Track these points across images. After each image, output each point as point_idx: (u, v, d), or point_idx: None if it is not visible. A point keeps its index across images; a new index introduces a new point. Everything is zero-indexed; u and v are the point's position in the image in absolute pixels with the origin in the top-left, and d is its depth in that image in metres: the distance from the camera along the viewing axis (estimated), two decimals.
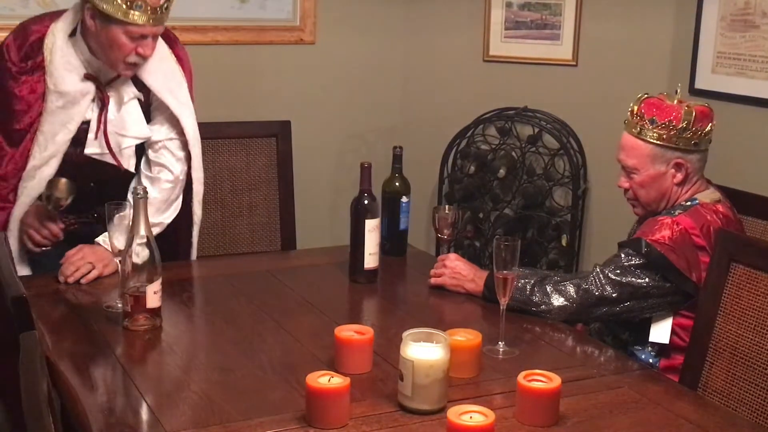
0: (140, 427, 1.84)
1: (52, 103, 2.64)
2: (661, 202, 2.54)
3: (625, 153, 2.54)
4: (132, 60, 2.61)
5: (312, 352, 2.19)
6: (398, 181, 2.88)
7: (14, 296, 2.06)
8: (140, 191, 2.23)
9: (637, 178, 2.52)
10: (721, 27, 3.22)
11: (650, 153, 2.49)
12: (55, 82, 2.63)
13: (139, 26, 2.55)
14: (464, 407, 1.76)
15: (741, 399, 2.19)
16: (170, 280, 2.52)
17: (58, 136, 2.66)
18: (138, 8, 2.53)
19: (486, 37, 3.84)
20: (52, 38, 2.64)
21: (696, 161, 2.52)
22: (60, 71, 2.63)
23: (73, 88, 2.65)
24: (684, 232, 2.41)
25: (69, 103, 2.65)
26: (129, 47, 2.58)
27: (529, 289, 2.43)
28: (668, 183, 2.51)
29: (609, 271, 2.41)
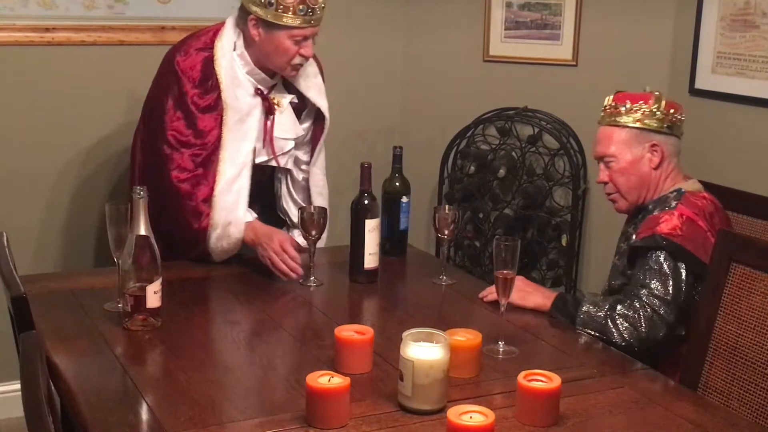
0: (140, 427, 1.84)
1: (231, 119, 2.77)
2: (641, 190, 2.57)
3: (601, 144, 2.61)
4: (297, 62, 2.77)
5: (312, 352, 2.19)
6: (398, 181, 2.88)
7: (14, 296, 2.07)
8: (140, 191, 2.23)
9: (615, 166, 2.57)
10: (721, 27, 3.22)
11: (626, 138, 2.55)
12: (230, 100, 2.76)
13: (302, 29, 2.70)
14: (464, 407, 1.76)
15: (741, 399, 2.19)
16: (170, 280, 2.52)
17: (242, 149, 2.80)
18: (300, 12, 2.68)
19: (486, 37, 3.84)
20: (221, 58, 2.77)
21: (670, 145, 2.57)
22: (232, 89, 2.77)
23: (246, 103, 2.80)
24: (690, 220, 2.43)
25: (245, 116, 2.81)
26: (293, 50, 2.73)
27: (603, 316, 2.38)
28: (646, 168, 2.55)
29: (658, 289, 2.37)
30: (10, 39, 3.31)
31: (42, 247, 3.47)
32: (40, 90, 3.40)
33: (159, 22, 3.51)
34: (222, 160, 2.76)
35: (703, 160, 3.31)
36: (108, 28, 3.44)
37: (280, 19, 2.68)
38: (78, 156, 3.48)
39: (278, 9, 2.67)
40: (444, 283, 2.70)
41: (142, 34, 3.50)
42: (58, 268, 3.45)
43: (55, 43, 3.38)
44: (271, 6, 2.68)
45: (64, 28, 3.38)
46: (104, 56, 3.46)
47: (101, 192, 3.51)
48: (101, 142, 3.49)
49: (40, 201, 3.46)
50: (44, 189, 3.46)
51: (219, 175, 2.75)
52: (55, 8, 3.35)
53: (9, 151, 3.39)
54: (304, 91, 2.93)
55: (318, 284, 2.64)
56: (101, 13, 3.42)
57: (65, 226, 3.51)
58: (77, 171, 3.49)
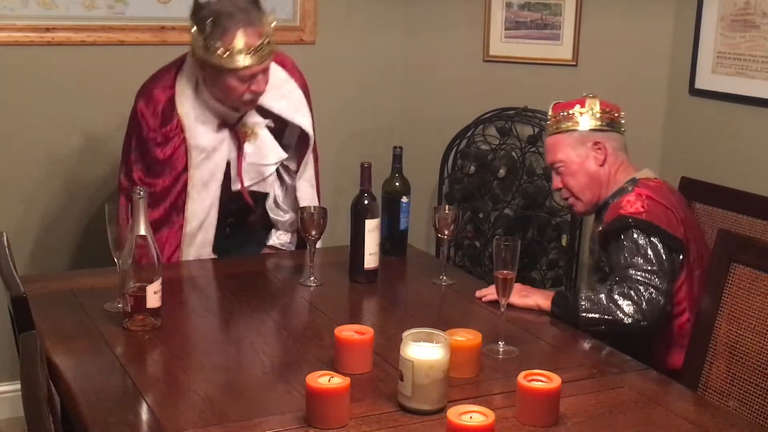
0: (140, 427, 1.84)
1: (196, 158, 2.77)
2: (594, 188, 2.65)
3: (549, 154, 2.71)
4: (248, 98, 2.74)
5: (312, 352, 2.19)
6: (398, 181, 2.88)
7: (14, 296, 2.07)
8: (140, 191, 2.23)
9: (565, 170, 2.66)
10: (721, 27, 3.22)
11: (570, 141, 2.66)
12: (194, 138, 2.75)
13: (246, 68, 2.64)
14: (464, 407, 1.76)
15: (741, 399, 2.19)
16: (170, 280, 2.52)
17: (209, 186, 2.80)
18: (240, 53, 2.62)
19: (486, 37, 3.84)
20: (182, 97, 2.76)
21: (613, 140, 2.66)
22: (196, 127, 2.76)
23: (211, 140, 2.78)
24: (649, 197, 2.51)
25: (211, 153, 2.78)
26: (242, 88, 2.70)
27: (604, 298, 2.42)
28: (593, 166, 2.64)
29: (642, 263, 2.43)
30: (10, 39, 3.31)
31: (42, 247, 3.47)
32: (40, 90, 3.40)
33: (159, 22, 3.52)
34: (191, 198, 2.78)
35: (703, 160, 3.31)
36: (108, 28, 3.44)
37: (219, 63, 2.64)
38: (78, 156, 3.49)
39: (218, 53, 2.62)
40: (444, 283, 2.70)
41: (142, 34, 3.50)
42: (58, 268, 3.45)
43: (55, 43, 3.38)
44: (209, 50, 2.63)
45: (64, 28, 3.38)
46: (104, 56, 3.47)
47: (101, 192, 3.51)
48: (101, 142, 3.49)
49: (40, 201, 3.46)
50: (44, 189, 3.46)
51: (188, 215, 2.79)
52: (55, 8, 3.35)
53: (9, 150, 3.39)
54: (279, 112, 2.88)
55: (318, 284, 2.64)
56: (101, 13, 3.42)
57: (65, 226, 3.51)
58: (77, 171, 3.49)
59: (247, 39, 2.62)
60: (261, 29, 2.65)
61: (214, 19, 2.61)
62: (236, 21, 2.61)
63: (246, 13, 2.65)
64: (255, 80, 2.70)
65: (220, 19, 2.62)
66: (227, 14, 2.63)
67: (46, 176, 3.46)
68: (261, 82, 2.72)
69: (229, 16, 2.62)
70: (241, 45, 2.62)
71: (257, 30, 2.65)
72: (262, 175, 2.90)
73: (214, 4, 2.67)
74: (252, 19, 2.65)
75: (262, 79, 2.72)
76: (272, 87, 2.83)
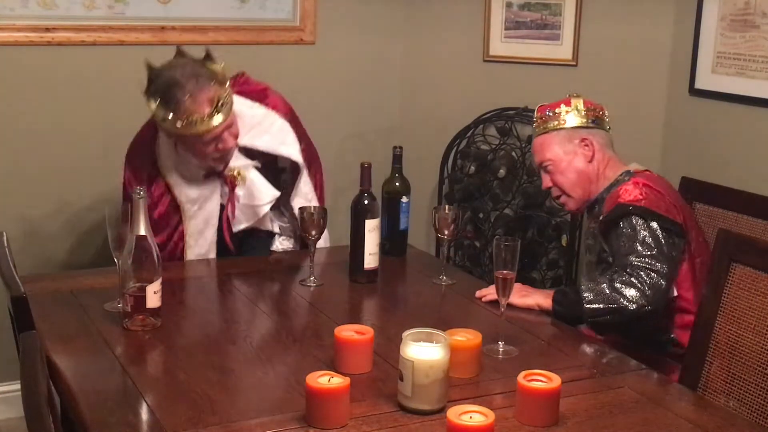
0: (140, 427, 1.84)
1: (190, 210, 2.83)
2: (583, 184, 2.67)
3: (537, 154, 2.74)
4: (217, 156, 2.76)
5: (312, 352, 2.19)
6: (398, 181, 2.88)
7: (14, 296, 2.07)
8: (140, 191, 2.23)
9: (553, 169, 2.69)
10: (721, 27, 3.22)
11: (557, 140, 2.69)
12: (184, 195, 2.79)
13: (206, 133, 2.65)
14: (464, 407, 1.76)
15: (741, 399, 2.19)
16: (170, 280, 2.52)
17: (205, 233, 2.85)
18: (196, 122, 2.62)
19: (486, 37, 3.84)
20: (164, 160, 2.80)
21: (600, 137, 2.69)
22: (183, 184, 2.83)
23: (201, 191, 2.81)
24: (646, 185, 2.54)
25: (203, 203, 2.82)
26: (209, 149, 2.71)
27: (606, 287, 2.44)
28: (581, 162, 2.67)
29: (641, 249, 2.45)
30: (10, 39, 3.31)
31: (42, 247, 3.47)
32: (40, 90, 3.40)
33: (159, 22, 3.51)
34: (188, 246, 2.84)
35: (703, 160, 3.31)
36: (108, 28, 3.44)
37: (181, 132, 2.65)
38: (78, 156, 3.48)
39: (176, 125, 2.62)
40: (444, 283, 2.70)
41: (142, 34, 3.50)
42: (58, 268, 3.45)
43: (55, 43, 3.38)
44: (166, 122, 2.64)
45: (64, 28, 3.38)
46: (104, 56, 3.47)
47: (101, 192, 3.51)
48: (101, 142, 3.49)
49: (40, 201, 3.46)
50: (44, 189, 3.46)
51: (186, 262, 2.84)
52: (55, 8, 3.35)
53: (9, 150, 3.39)
54: (264, 148, 2.87)
55: (318, 284, 2.64)
56: (101, 13, 3.42)
57: (65, 226, 3.51)
58: (77, 171, 3.49)
59: (200, 107, 2.61)
60: (213, 91, 2.64)
61: (164, 92, 2.62)
62: (186, 91, 2.60)
63: (195, 78, 2.63)
64: (221, 138, 2.70)
65: (170, 92, 2.61)
66: (176, 85, 2.61)
67: (46, 176, 3.45)
68: (227, 140, 2.72)
69: (179, 87, 2.61)
70: (195, 115, 2.61)
71: (208, 95, 2.63)
72: (258, 215, 2.89)
73: (164, 74, 2.65)
74: (202, 84, 2.62)
75: (227, 136, 2.72)
76: (250, 127, 2.84)
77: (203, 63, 2.70)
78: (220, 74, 2.69)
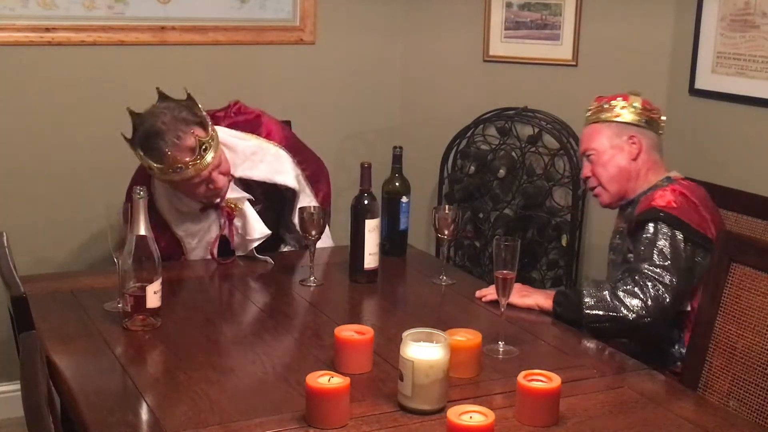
0: (140, 427, 1.84)
1: (190, 244, 2.87)
2: (622, 181, 2.65)
3: (583, 142, 2.73)
4: (210, 194, 2.76)
5: (312, 352, 2.19)
6: (398, 181, 2.88)
7: (14, 296, 2.07)
8: (140, 191, 2.23)
9: (596, 159, 2.67)
10: (721, 27, 3.22)
11: (606, 132, 2.67)
12: (183, 230, 2.85)
13: (194, 177, 2.65)
14: (464, 407, 1.76)
15: (741, 399, 2.19)
16: (170, 280, 2.52)
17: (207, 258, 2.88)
18: (180, 168, 2.61)
19: (486, 37, 3.84)
20: (160, 198, 2.82)
21: (648, 138, 2.67)
22: (181, 220, 2.84)
23: (199, 226, 2.84)
24: (682, 194, 2.53)
25: (203, 235, 2.87)
26: (201, 189, 2.72)
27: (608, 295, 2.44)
28: (625, 159, 2.65)
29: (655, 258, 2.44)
30: (10, 39, 3.31)
31: (42, 247, 3.47)
32: (40, 90, 3.40)
33: (159, 22, 3.51)
34: None
35: (703, 160, 3.31)
36: (108, 28, 3.44)
37: (168, 178, 2.66)
38: (78, 156, 3.49)
39: (163, 171, 2.62)
40: (444, 283, 2.70)
41: (142, 34, 3.50)
42: (58, 268, 3.45)
43: (55, 43, 3.38)
44: (153, 170, 2.64)
45: (64, 28, 3.38)
46: (104, 56, 3.47)
47: (101, 192, 3.51)
48: (101, 142, 3.49)
49: (40, 201, 3.46)
50: (44, 189, 3.46)
51: None
52: (55, 8, 3.35)
53: (9, 151, 3.39)
54: (261, 178, 2.88)
55: (318, 284, 2.64)
56: (101, 13, 3.42)
57: (65, 226, 3.51)
58: (77, 171, 3.49)
59: (182, 155, 2.61)
60: (194, 137, 2.62)
61: (146, 143, 2.62)
62: (167, 141, 2.60)
63: (175, 126, 2.62)
64: (211, 179, 2.70)
65: (152, 143, 2.61)
66: (157, 135, 2.61)
67: (47, 176, 3.45)
68: (217, 179, 2.71)
69: (160, 137, 2.60)
70: (180, 162, 2.61)
71: (189, 142, 2.62)
72: (247, 248, 2.87)
73: (145, 123, 2.64)
74: (181, 133, 2.61)
75: (216, 176, 2.71)
76: (244, 158, 2.85)
77: (186, 105, 2.68)
78: (202, 116, 2.68)
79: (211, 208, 2.85)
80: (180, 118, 2.64)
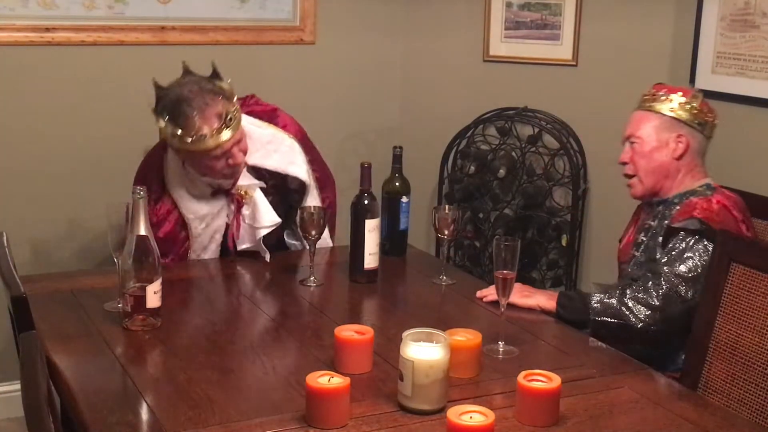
0: (140, 427, 1.84)
1: (197, 228, 2.85)
2: (659, 176, 2.59)
3: (630, 126, 2.65)
4: (228, 172, 2.77)
5: (312, 352, 2.19)
6: (398, 181, 2.88)
7: (14, 296, 2.07)
8: (140, 191, 2.23)
9: (639, 148, 2.60)
10: (721, 27, 3.22)
11: (655, 123, 2.60)
12: (192, 212, 2.83)
13: (216, 148, 2.65)
14: (464, 407, 1.76)
15: (741, 399, 2.19)
16: (170, 280, 2.52)
17: (209, 248, 2.89)
18: (205, 137, 2.62)
19: (486, 37, 3.84)
20: (171, 177, 2.82)
21: (696, 141, 2.61)
22: (190, 202, 2.83)
23: (209, 208, 2.83)
24: (725, 207, 2.48)
25: (210, 221, 2.86)
26: (219, 164, 2.72)
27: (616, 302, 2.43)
28: (668, 156, 2.59)
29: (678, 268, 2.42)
30: (10, 39, 3.31)
31: (42, 247, 3.47)
32: (40, 90, 3.40)
33: (159, 22, 3.51)
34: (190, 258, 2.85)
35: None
36: (108, 28, 3.44)
37: (189, 148, 2.66)
38: (78, 156, 3.48)
39: (185, 140, 2.63)
40: (444, 283, 2.70)
41: (142, 34, 3.50)
42: (58, 268, 3.45)
43: (55, 43, 3.38)
44: (175, 139, 2.64)
45: (64, 28, 3.38)
46: (104, 56, 3.47)
47: (101, 192, 3.51)
48: (101, 142, 3.49)
49: (40, 201, 3.46)
50: (44, 189, 3.46)
51: None
52: (55, 8, 3.35)
53: (9, 150, 3.39)
54: (274, 168, 2.88)
55: (318, 284, 2.64)
56: (101, 13, 3.42)
57: (65, 226, 3.51)
58: (77, 171, 3.49)
59: (208, 122, 2.62)
60: (221, 106, 2.65)
61: (173, 109, 2.63)
62: (194, 107, 2.62)
63: (202, 95, 2.64)
64: (230, 153, 2.71)
65: (179, 108, 2.62)
66: (184, 100, 2.63)
67: (46, 176, 3.45)
68: (236, 155, 2.73)
69: (187, 103, 2.62)
70: (204, 130, 2.62)
71: (217, 110, 2.64)
72: (256, 238, 2.87)
73: (172, 92, 2.67)
74: (209, 100, 2.64)
75: (236, 152, 2.73)
76: (260, 146, 2.86)
77: (210, 80, 2.71)
78: (227, 90, 2.70)
79: (221, 194, 2.85)
80: (206, 89, 2.67)
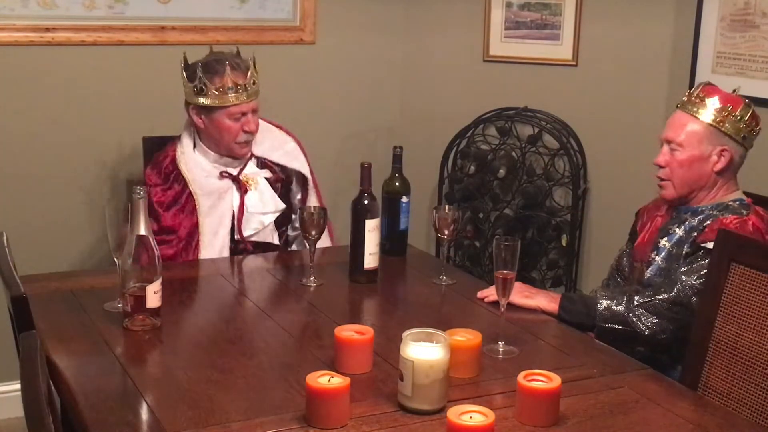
0: (140, 427, 1.84)
1: (204, 206, 2.96)
2: (694, 186, 2.54)
3: (672, 129, 2.55)
4: (242, 139, 2.97)
5: (312, 352, 2.19)
6: (398, 181, 2.88)
7: (14, 296, 2.07)
8: (140, 191, 2.23)
9: (680, 156, 2.53)
10: (721, 27, 3.22)
11: (701, 132, 2.51)
12: (200, 188, 2.96)
13: (236, 105, 2.91)
14: (464, 407, 1.76)
15: (741, 399, 2.19)
16: (170, 280, 2.52)
17: (219, 233, 2.96)
18: (230, 90, 2.89)
19: (486, 37, 3.84)
20: (182, 155, 2.99)
21: (738, 156, 2.55)
22: (200, 178, 2.98)
23: (216, 187, 2.99)
24: (758, 231, 2.44)
25: (217, 200, 2.98)
26: (236, 128, 2.94)
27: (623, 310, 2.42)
28: (708, 168, 2.52)
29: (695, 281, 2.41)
30: (10, 39, 3.31)
31: (42, 247, 3.47)
32: (40, 90, 3.40)
33: (159, 22, 3.51)
34: (203, 244, 2.93)
35: None
36: (108, 28, 3.44)
37: (213, 102, 2.90)
38: (78, 156, 3.48)
39: (210, 93, 2.89)
40: (444, 283, 2.70)
41: (142, 34, 3.50)
42: (58, 268, 3.45)
43: (55, 43, 3.38)
44: (203, 92, 2.89)
45: (64, 28, 3.38)
46: (104, 56, 3.47)
47: (101, 192, 3.51)
48: (101, 142, 3.49)
49: (40, 201, 3.46)
50: (44, 189, 3.46)
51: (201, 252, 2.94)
52: (55, 8, 3.35)
53: (9, 151, 3.39)
54: (279, 161, 3.11)
55: (318, 284, 2.64)
56: (101, 13, 3.42)
57: (65, 226, 3.51)
58: (77, 171, 3.49)
59: (235, 78, 2.90)
60: (246, 71, 2.93)
61: (204, 65, 2.91)
62: (223, 63, 2.90)
63: (233, 58, 2.95)
64: (246, 119, 2.93)
65: (210, 64, 2.91)
66: (215, 59, 2.93)
67: (46, 176, 3.45)
68: (251, 122, 2.95)
69: (217, 61, 2.92)
70: (230, 83, 2.89)
71: (244, 72, 2.93)
72: (263, 224, 3.04)
73: (202, 59, 2.94)
74: (238, 62, 2.94)
75: (252, 119, 2.95)
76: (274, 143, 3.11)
77: (238, 53, 2.98)
78: (250, 64, 2.95)
79: (228, 179, 2.99)
80: (235, 55, 2.97)
